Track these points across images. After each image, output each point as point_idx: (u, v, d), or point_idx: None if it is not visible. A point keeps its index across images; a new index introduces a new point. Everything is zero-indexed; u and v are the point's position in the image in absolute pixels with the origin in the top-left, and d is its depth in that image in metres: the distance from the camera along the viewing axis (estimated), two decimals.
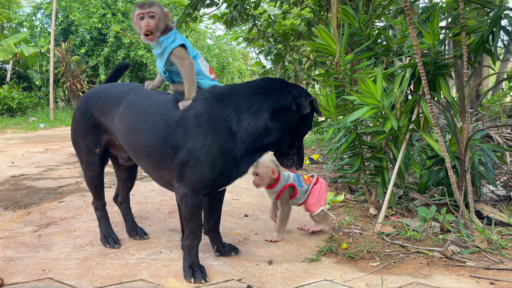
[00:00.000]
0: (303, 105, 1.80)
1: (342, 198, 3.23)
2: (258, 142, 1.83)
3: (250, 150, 1.84)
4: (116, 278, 1.85)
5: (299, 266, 1.99)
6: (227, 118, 1.80)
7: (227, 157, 1.79)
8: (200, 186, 1.80)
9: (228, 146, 1.78)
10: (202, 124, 1.79)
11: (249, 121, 1.79)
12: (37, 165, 5.15)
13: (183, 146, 1.79)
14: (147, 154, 1.90)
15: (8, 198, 3.39)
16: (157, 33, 1.95)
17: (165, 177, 1.91)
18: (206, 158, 1.76)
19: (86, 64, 15.17)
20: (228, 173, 1.83)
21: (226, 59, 19.34)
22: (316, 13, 5.26)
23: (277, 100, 1.82)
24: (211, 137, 1.77)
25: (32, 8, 16.91)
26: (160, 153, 1.85)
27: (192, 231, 1.88)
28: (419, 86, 2.63)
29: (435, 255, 2.11)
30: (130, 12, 15.68)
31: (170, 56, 1.94)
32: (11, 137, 9.08)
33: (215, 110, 1.82)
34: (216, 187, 1.88)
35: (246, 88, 1.88)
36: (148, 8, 1.92)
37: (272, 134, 1.83)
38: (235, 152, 1.80)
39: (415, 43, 2.22)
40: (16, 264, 2.01)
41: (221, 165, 1.78)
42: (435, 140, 2.52)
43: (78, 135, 2.22)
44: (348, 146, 2.86)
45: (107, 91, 2.15)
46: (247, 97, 1.84)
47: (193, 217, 1.85)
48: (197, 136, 1.78)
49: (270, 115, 1.80)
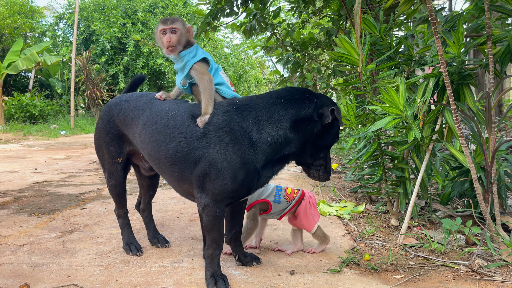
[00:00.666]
0: (325, 114, 1.77)
1: (363, 208, 3.19)
2: (278, 152, 1.81)
3: (271, 160, 1.83)
4: (139, 286, 1.86)
5: (322, 277, 1.97)
6: (247, 130, 1.79)
7: (248, 168, 1.78)
8: (222, 196, 1.80)
9: (249, 158, 1.77)
10: (223, 137, 1.79)
11: (269, 132, 1.78)
12: (59, 171, 5.24)
13: (204, 159, 1.79)
14: (170, 170, 1.91)
15: (32, 204, 3.45)
16: (178, 47, 1.98)
17: (189, 189, 1.92)
18: (227, 170, 1.76)
19: (106, 73, 15.46)
20: (249, 184, 1.82)
21: (243, 68, 19.47)
22: (335, 22, 5.26)
23: (297, 110, 1.80)
24: (232, 149, 1.77)
25: (54, 18, 17.37)
26: (183, 168, 1.86)
27: (214, 241, 1.88)
28: (442, 96, 2.60)
29: (461, 268, 2.06)
30: (150, 22, 15.97)
31: (190, 71, 1.96)
32: (33, 143, 9.28)
33: (235, 122, 1.81)
34: (238, 198, 1.87)
35: (267, 98, 1.87)
36: (171, 24, 1.96)
37: (292, 144, 1.81)
38: (255, 163, 1.79)
39: (440, 53, 2.20)
40: (41, 270, 2.04)
41: (242, 176, 1.78)
42: (459, 151, 2.48)
43: (101, 144, 2.25)
44: (370, 156, 2.83)
45: (126, 104, 2.16)
46: (268, 107, 1.83)
47: (215, 227, 1.85)
48: (218, 149, 1.78)
49: (290, 125, 1.78)
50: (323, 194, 3.83)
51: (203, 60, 1.99)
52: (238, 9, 5.10)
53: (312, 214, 2.30)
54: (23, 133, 11.30)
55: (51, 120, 13.99)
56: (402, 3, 2.72)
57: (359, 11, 1.96)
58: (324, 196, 3.74)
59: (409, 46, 2.84)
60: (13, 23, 15.81)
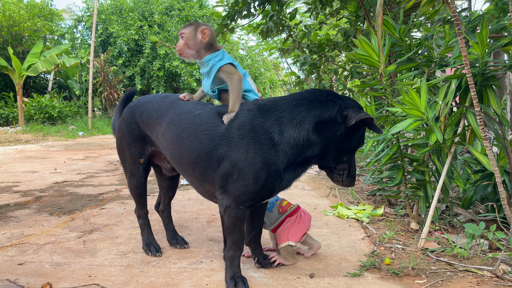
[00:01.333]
0: (349, 116, 1.73)
1: (382, 211, 3.16)
2: (300, 154, 1.79)
3: (293, 163, 1.80)
4: (159, 286, 1.87)
5: (342, 281, 1.95)
6: (269, 130, 1.78)
7: (270, 169, 1.76)
8: (243, 198, 1.79)
9: (270, 158, 1.76)
10: (245, 136, 1.78)
11: (291, 133, 1.76)
12: (78, 172, 5.32)
13: (226, 158, 1.79)
14: (192, 169, 1.91)
15: (53, 204, 3.51)
16: (187, 51, 2.00)
17: (211, 190, 1.91)
18: (249, 170, 1.75)
19: (123, 74, 15.65)
20: (271, 186, 1.80)
21: (258, 70, 19.49)
22: (353, 24, 5.22)
23: (321, 112, 1.77)
24: (254, 149, 1.76)
25: (73, 21, 17.67)
26: (206, 167, 1.86)
27: (234, 243, 1.87)
28: (465, 97, 2.55)
29: (485, 274, 2.02)
30: (166, 24, 16.11)
31: (218, 73, 1.96)
32: (52, 144, 9.43)
33: (258, 121, 1.80)
34: (259, 200, 1.86)
35: (290, 99, 1.86)
36: (181, 29, 2.02)
37: (314, 146, 1.78)
38: (277, 165, 1.77)
39: (464, 53, 2.16)
40: (63, 269, 2.06)
41: (264, 177, 1.76)
42: (483, 154, 2.43)
43: (123, 145, 2.26)
44: (389, 159, 2.79)
45: (150, 105, 2.17)
46: (290, 108, 1.81)
47: (236, 228, 1.84)
48: (240, 148, 1.77)
49: (313, 127, 1.76)
50: (341, 197, 3.80)
51: (230, 64, 1.99)
52: (255, 11, 5.11)
53: (290, 229, 2.16)
54: (43, 134, 11.50)
55: (69, 121, 14.23)
56: (423, 4, 2.68)
57: (381, 11, 1.94)
58: (342, 199, 3.71)
59: (430, 47, 2.80)
60: (33, 25, 16.12)
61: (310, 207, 3.43)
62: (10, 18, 15.26)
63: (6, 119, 14.68)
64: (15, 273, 2.01)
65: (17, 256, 2.24)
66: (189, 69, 16.00)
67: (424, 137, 2.62)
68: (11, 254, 2.28)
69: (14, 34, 15.89)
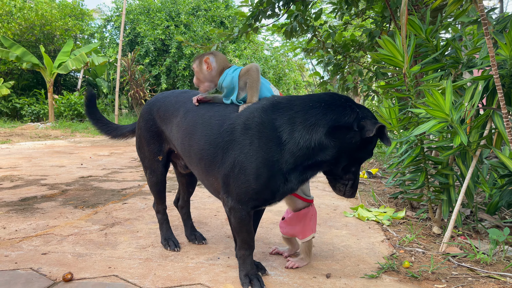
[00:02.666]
0: (367, 127, 1.65)
1: (403, 214, 3.10)
2: (310, 158, 1.72)
3: (301, 165, 1.73)
4: (176, 280, 1.90)
5: (359, 282, 1.93)
6: (279, 128, 1.73)
7: (273, 168, 1.71)
8: (246, 197, 1.75)
9: (274, 156, 1.70)
10: (251, 128, 1.75)
11: (303, 134, 1.70)
12: (103, 167, 5.44)
13: (231, 150, 1.77)
14: (199, 158, 1.91)
15: (78, 197, 3.60)
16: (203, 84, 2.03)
17: (214, 184, 1.91)
18: (249, 164, 1.71)
19: (149, 73, 15.92)
20: (273, 186, 1.74)
21: (282, 70, 19.46)
22: (379, 24, 5.15)
23: (337, 117, 1.70)
24: (258, 142, 1.72)
25: (103, 21, 18.10)
26: (212, 156, 1.85)
27: (244, 242, 1.88)
28: (492, 99, 2.48)
29: (508, 281, 1.95)
30: (192, 24, 16.30)
31: (240, 81, 1.93)
32: (80, 140, 9.69)
33: (268, 117, 1.76)
34: (263, 201, 1.80)
35: (306, 100, 1.80)
36: (192, 65, 2.10)
37: (326, 151, 1.71)
38: (280, 163, 1.71)
39: (491, 54, 2.10)
40: (84, 260, 2.12)
41: (265, 175, 1.71)
42: (510, 158, 2.35)
43: (142, 142, 2.30)
44: (412, 161, 2.74)
45: (167, 100, 2.21)
46: (305, 109, 1.75)
47: (243, 228, 1.84)
48: (243, 139, 1.74)
49: (328, 131, 1.69)
50: (362, 199, 3.75)
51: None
52: (279, 11, 5.10)
53: (313, 222, 2.14)
54: (71, 130, 11.83)
55: None
56: (450, 4, 2.63)
57: (406, 10, 1.91)
58: (363, 201, 3.66)
59: (457, 48, 2.73)
60: (64, 25, 16.60)
61: (330, 208, 3.41)
62: (43, 17, 15.76)
63: (37, 115, 15.18)
64: (39, 262, 2.07)
65: (41, 246, 2.31)
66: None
67: (448, 139, 2.57)
68: (36, 244, 2.35)
69: (46, 33, 16.40)
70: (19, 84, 16.59)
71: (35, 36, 16.18)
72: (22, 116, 15.28)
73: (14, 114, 15.71)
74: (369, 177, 4.81)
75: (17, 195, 3.62)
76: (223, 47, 16.29)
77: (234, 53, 16.87)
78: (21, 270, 1.96)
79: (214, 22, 17.12)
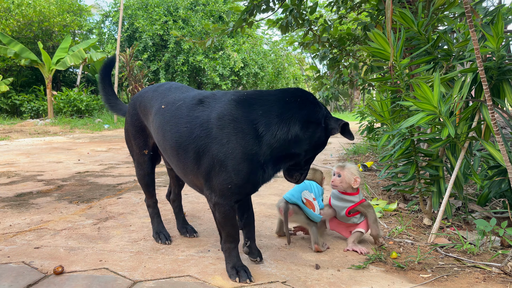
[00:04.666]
0: (331, 125, 1.80)
1: (395, 206, 3.13)
2: (285, 149, 1.78)
3: (276, 156, 1.78)
4: (165, 272, 1.93)
5: (346, 273, 1.96)
6: (254, 121, 1.75)
7: (252, 161, 1.74)
8: (229, 192, 1.78)
9: (252, 149, 1.73)
10: (225, 126, 1.76)
11: (280, 127, 1.75)
12: (100, 163, 5.47)
13: (207, 151, 1.78)
14: (177, 159, 1.94)
15: (73, 192, 3.63)
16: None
17: (194, 181, 1.94)
18: (230, 162, 1.73)
19: (147, 69, 15.92)
20: (254, 179, 1.78)
21: (281, 64, 19.42)
22: (374, 17, 5.15)
23: (310, 112, 1.80)
24: (235, 139, 1.74)
25: (101, 16, 18.06)
26: (187, 158, 1.87)
27: (229, 235, 1.90)
28: (481, 92, 2.49)
29: (493, 270, 1.98)
30: (190, 19, 16.26)
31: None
32: (78, 136, 9.72)
33: (240, 112, 1.78)
34: (245, 194, 1.84)
35: (280, 94, 1.84)
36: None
37: (301, 144, 1.80)
38: (259, 156, 1.75)
39: (476, 47, 2.11)
40: (76, 254, 2.15)
41: (246, 169, 1.74)
42: (497, 150, 2.37)
43: (129, 136, 2.35)
44: (403, 153, 2.76)
45: (146, 95, 2.24)
46: (281, 104, 1.79)
47: (228, 222, 1.86)
48: (220, 139, 1.76)
49: (303, 125, 1.78)
50: None
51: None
52: (274, 5, 5.10)
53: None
54: (70, 126, 11.86)
55: (96, 114, 14.61)
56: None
57: (390, 4, 1.92)
58: None
59: (448, 41, 2.74)
60: (62, 21, 16.59)
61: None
62: (41, 13, 15.75)
63: (36, 111, 15.21)
64: (31, 256, 2.10)
65: (34, 240, 2.34)
66: (213, 64, 16.12)
67: (436, 131, 2.59)
68: (29, 238, 2.39)
69: (44, 29, 16.40)
70: (18, 81, 16.61)
71: (33, 33, 16.17)
72: (22, 113, 15.31)
73: (13, 111, 15.75)
74: (364, 170, 4.83)
75: (13, 191, 3.66)
76: (221, 41, 16.27)
77: (233, 48, 16.86)
78: (13, 264, 1.99)
79: (212, 16, 17.09)
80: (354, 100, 24.44)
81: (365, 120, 6.71)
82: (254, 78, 17.96)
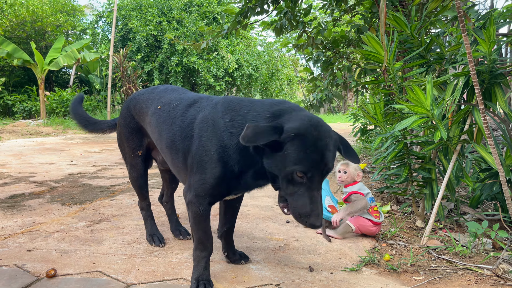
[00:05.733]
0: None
1: (388, 209, 3.14)
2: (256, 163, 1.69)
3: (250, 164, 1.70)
4: (159, 275, 1.92)
5: (339, 275, 1.97)
6: (231, 126, 1.71)
7: (226, 165, 1.70)
8: (202, 193, 1.76)
9: (225, 152, 1.69)
10: (205, 128, 1.76)
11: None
12: (93, 164, 5.44)
13: (190, 150, 1.81)
14: (171, 158, 1.97)
15: (66, 194, 3.61)
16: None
17: (185, 180, 1.94)
18: (206, 162, 1.72)
19: (141, 70, 15.86)
20: (228, 183, 1.75)
21: (275, 66, 19.44)
22: (367, 20, 5.18)
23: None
24: (210, 141, 1.73)
25: (94, 17, 17.97)
26: (178, 158, 1.90)
27: (199, 241, 1.83)
28: (473, 95, 2.52)
29: (485, 273, 2.00)
30: (185, 20, 16.23)
31: None
32: (71, 137, 9.66)
33: (220, 115, 1.75)
34: (219, 196, 1.82)
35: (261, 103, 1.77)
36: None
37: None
38: (232, 160, 1.70)
39: (468, 51, 2.13)
40: (69, 256, 2.14)
41: (219, 172, 1.71)
42: (489, 152, 2.40)
43: (122, 139, 2.35)
44: (396, 156, 2.78)
45: (140, 97, 2.26)
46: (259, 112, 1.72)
47: (199, 226, 1.81)
48: (200, 140, 1.77)
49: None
50: None
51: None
52: (268, 7, 5.11)
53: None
54: (63, 127, 11.78)
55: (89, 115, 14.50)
56: (431, 0, 2.66)
57: (384, 8, 1.94)
58: None
59: (441, 44, 2.77)
60: (55, 21, 16.47)
61: None
62: (34, 13, 15.63)
63: (29, 112, 15.08)
64: (23, 258, 2.09)
65: (26, 243, 2.33)
66: (207, 65, 16.10)
67: (429, 134, 2.61)
68: (21, 241, 2.37)
69: (37, 29, 16.27)
70: (10, 81, 16.46)
71: (26, 33, 16.04)
72: (14, 113, 15.17)
73: (5, 111, 15.60)
74: None
75: (5, 193, 3.63)
76: (216, 42, 16.26)
77: (227, 49, 16.85)
78: (5, 267, 1.98)
79: (206, 18, 17.08)
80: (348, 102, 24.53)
81: (358, 122, 6.74)
82: (248, 79, 17.97)
